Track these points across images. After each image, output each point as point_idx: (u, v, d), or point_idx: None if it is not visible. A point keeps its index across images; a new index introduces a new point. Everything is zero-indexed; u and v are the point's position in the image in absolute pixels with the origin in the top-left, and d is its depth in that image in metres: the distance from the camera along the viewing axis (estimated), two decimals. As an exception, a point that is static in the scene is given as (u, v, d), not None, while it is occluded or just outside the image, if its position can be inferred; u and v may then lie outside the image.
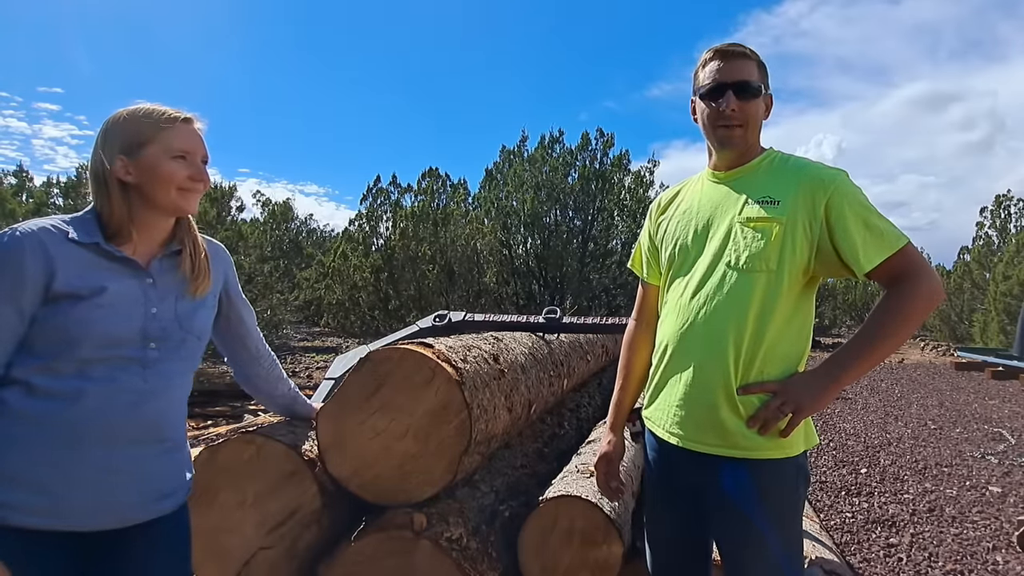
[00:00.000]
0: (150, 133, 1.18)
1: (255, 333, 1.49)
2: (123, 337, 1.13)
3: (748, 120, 1.36)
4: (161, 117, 1.19)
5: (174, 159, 1.18)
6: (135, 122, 1.18)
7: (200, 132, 1.25)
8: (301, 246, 22.55)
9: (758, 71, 1.37)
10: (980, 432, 5.87)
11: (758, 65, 1.38)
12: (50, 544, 1.08)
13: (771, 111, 1.43)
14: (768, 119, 1.43)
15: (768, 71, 1.41)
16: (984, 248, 17.13)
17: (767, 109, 1.41)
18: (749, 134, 1.38)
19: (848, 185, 1.30)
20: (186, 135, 1.21)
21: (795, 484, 1.32)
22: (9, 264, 1.07)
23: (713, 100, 1.36)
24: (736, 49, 1.37)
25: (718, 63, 1.36)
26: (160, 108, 1.21)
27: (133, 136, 1.17)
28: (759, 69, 1.38)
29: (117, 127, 1.19)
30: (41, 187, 14.15)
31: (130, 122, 1.18)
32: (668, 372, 1.39)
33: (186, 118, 1.22)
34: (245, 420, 2.29)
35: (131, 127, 1.18)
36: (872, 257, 1.24)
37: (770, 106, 1.42)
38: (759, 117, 1.39)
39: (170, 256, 1.24)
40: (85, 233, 1.14)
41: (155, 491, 1.19)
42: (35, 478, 1.06)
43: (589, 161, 15.09)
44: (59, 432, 1.08)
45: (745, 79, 1.34)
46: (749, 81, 1.35)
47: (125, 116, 1.19)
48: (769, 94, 1.40)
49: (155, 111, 1.20)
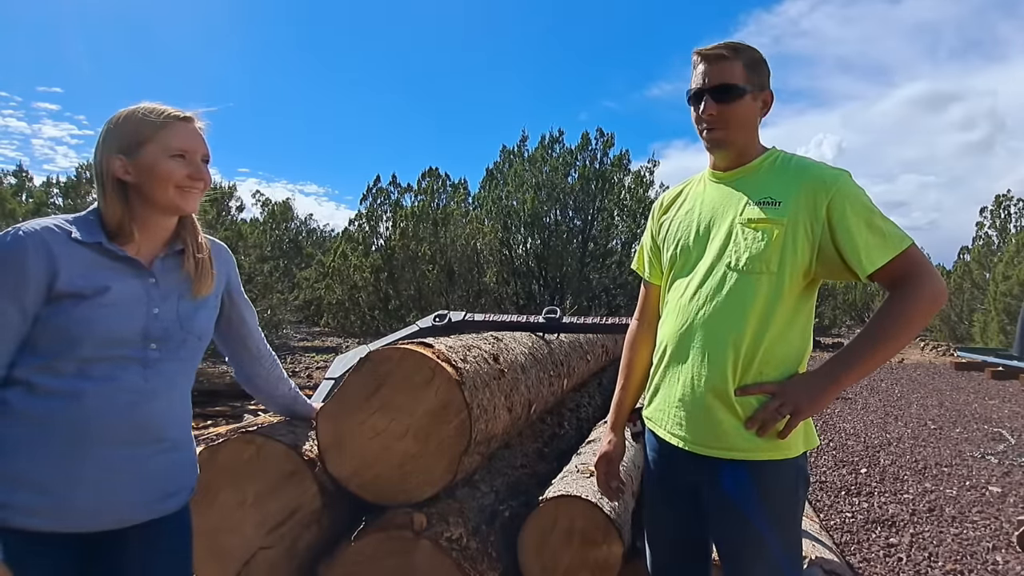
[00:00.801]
0: (148, 132, 1.17)
1: (256, 333, 1.49)
2: (125, 337, 1.13)
3: (730, 122, 1.34)
4: (159, 116, 1.19)
5: (172, 158, 1.18)
6: (134, 122, 1.18)
7: (201, 131, 1.24)
8: (301, 246, 22.55)
9: (744, 71, 1.33)
10: (980, 432, 5.87)
11: (746, 64, 1.34)
12: (52, 544, 1.08)
13: (770, 108, 1.39)
14: (766, 116, 1.40)
15: (766, 67, 1.37)
16: (984, 248, 17.12)
17: (764, 106, 1.38)
18: (735, 135, 1.36)
19: (851, 186, 1.28)
20: (185, 134, 1.20)
21: (795, 485, 1.31)
22: (12, 263, 1.07)
23: (695, 104, 1.36)
24: (717, 51, 1.34)
25: (702, 66, 1.35)
26: (160, 107, 1.20)
27: (132, 135, 1.17)
28: (747, 68, 1.33)
29: (117, 127, 1.18)
30: (41, 187, 14.14)
31: (129, 122, 1.18)
32: (667, 372, 1.39)
33: (185, 117, 1.22)
34: (245, 420, 2.29)
35: (130, 127, 1.18)
36: (875, 259, 1.23)
37: (768, 103, 1.39)
38: (747, 117, 1.35)
39: (173, 256, 1.24)
40: (88, 233, 1.14)
41: (157, 491, 1.19)
42: (37, 478, 1.06)
43: (589, 161, 15.08)
44: (60, 432, 1.08)
45: (724, 82, 1.32)
46: (729, 83, 1.32)
47: (125, 116, 1.19)
48: (766, 92, 1.37)
49: (154, 110, 1.20)
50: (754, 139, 1.39)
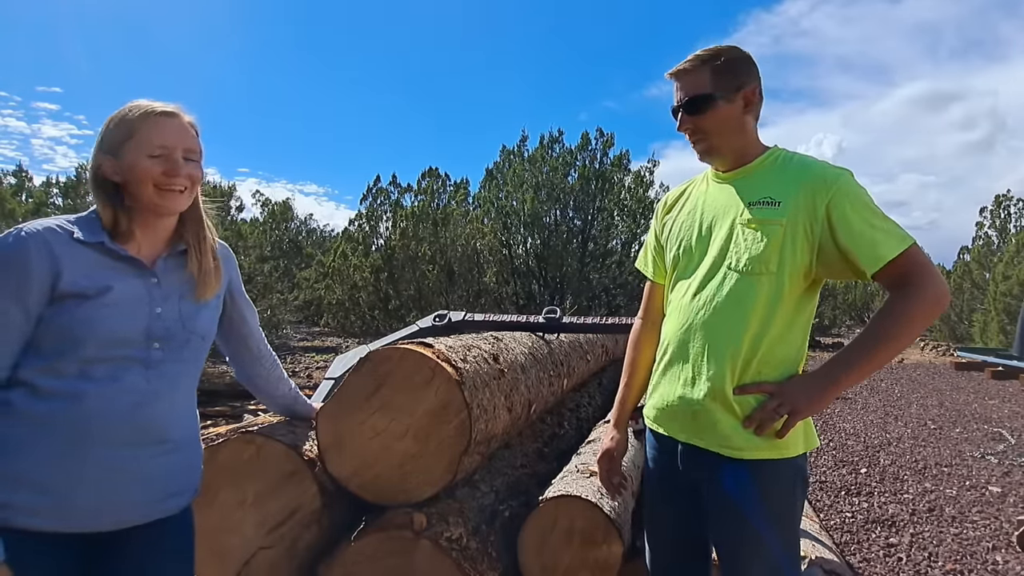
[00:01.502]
0: (130, 131, 1.15)
1: (257, 333, 1.49)
2: (127, 337, 1.12)
3: (710, 131, 1.35)
4: (138, 114, 1.16)
5: (150, 156, 1.15)
6: (120, 121, 1.17)
7: (185, 126, 1.20)
8: (301, 246, 22.55)
9: (713, 77, 1.32)
10: (980, 432, 5.87)
11: (714, 70, 1.32)
12: (54, 544, 1.08)
13: (756, 104, 1.36)
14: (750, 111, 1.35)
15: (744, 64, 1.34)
16: (984, 248, 17.12)
17: (748, 104, 1.35)
18: (720, 141, 1.36)
19: (851, 185, 1.27)
20: (163, 129, 1.16)
21: (794, 485, 1.31)
22: (15, 264, 1.06)
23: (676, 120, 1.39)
24: (682, 67, 1.36)
25: (675, 83, 1.38)
26: (143, 104, 1.17)
27: (117, 135, 1.16)
28: (715, 74, 1.32)
29: (107, 127, 1.18)
30: (41, 187, 14.14)
31: (116, 121, 1.17)
32: (668, 371, 1.39)
33: (165, 112, 1.18)
34: (245, 420, 2.29)
35: (116, 126, 1.17)
36: (876, 259, 1.22)
37: (751, 100, 1.35)
38: (726, 122, 1.34)
39: (176, 256, 1.23)
40: (90, 232, 1.13)
41: (159, 491, 1.18)
42: (39, 479, 1.06)
43: (589, 161, 15.08)
44: (62, 432, 1.07)
45: (694, 94, 1.33)
46: (698, 95, 1.33)
47: (115, 115, 1.18)
48: (745, 90, 1.33)
49: (136, 107, 1.17)
50: (748, 139, 1.38)
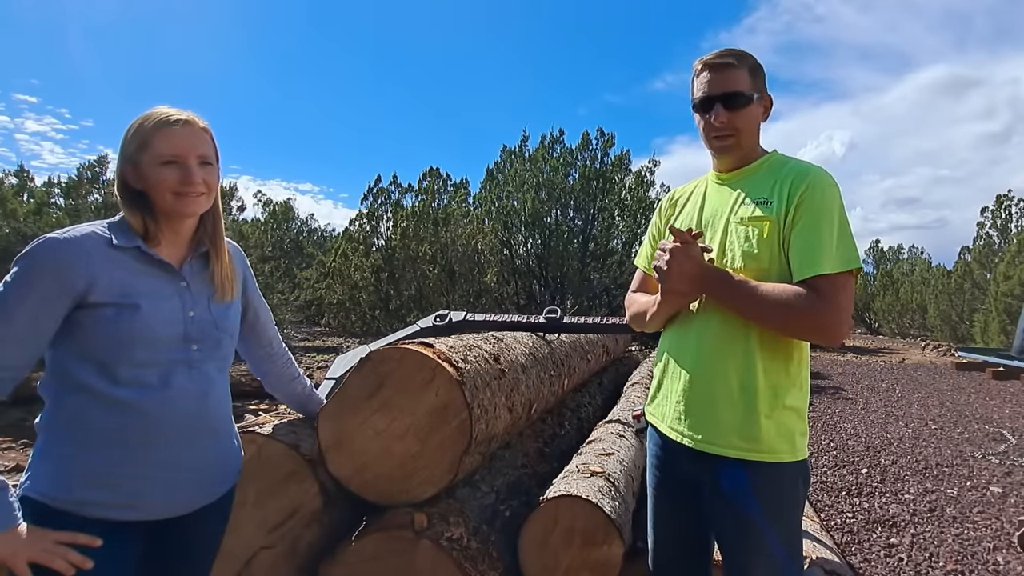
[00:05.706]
0: (144, 140, 1.18)
1: (271, 330, 1.53)
2: (169, 339, 1.17)
3: (742, 129, 1.36)
4: (152, 123, 1.18)
5: (164, 165, 1.17)
6: (136, 131, 1.19)
7: (199, 132, 1.22)
8: (302, 246, 22.55)
9: (750, 78, 1.36)
10: (981, 432, 5.86)
11: (750, 70, 1.37)
12: (121, 530, 1.14)
13: (770, 112, 1.43)
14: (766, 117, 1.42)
15: (763, 72, 1.40)
16: (985, 248, 17.11)
17: (765, 111, 1.41)
18: (743, 141, 1.38)
19: (825, 188, 1.28)
20: (174, 138, 1.18)
21: (795, 485, 1.32)
22: (52, 269, 1.09)
23: (704, 112, 1.37)
24: (723, 60, 1.36)
25: (707, 75, 1.36)
26: (156, 113, 1.20)
27: (134, 145, 1.19)
28: (751, 75, 1.37)
29: (126, 138, 1.20)
30: (42, 187, 14.15)
31: (132, 131, 1.20)
32: (668, 369, 1.41)
33: (177, 120, 1.19)
34: (245, 420, 2.30)
35: (133, 136, 1.19)
36: (810, 266, 1.22)
37: (769, 107, 1.42)
38: (753, 123, 1.39)
39: (198, 258, 1.27)
40: (125, 238, 1.17)
41: (216, 477, 1.29)
42: (110, 480, 1.13)
43: (590, 161, 15.07)
44: (129, 437, 1.13)
45: (733, 90, 1.34)
46: (738, 91, 1.34)
47: (132, 125, 1.20)
48: (765, 97, 1.40)
49: (150, 117, 1.19)
50: (757, 143, 1.42)
